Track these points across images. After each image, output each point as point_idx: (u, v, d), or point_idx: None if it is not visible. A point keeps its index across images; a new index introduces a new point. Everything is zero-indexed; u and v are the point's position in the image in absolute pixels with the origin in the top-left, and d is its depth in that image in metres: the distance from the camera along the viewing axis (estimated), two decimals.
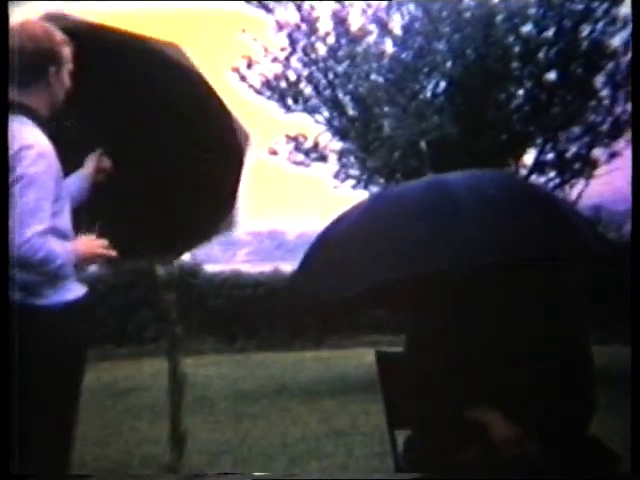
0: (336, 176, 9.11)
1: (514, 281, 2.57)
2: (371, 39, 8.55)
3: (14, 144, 2.36)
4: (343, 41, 8.58)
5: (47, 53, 2.48)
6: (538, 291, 2.63)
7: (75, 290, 2.51)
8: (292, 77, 8.92)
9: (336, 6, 8.58)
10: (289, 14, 8.75)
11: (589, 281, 8.27)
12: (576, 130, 8.69)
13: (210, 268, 13.57)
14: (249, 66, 8.90)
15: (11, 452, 2.33)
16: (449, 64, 8.13)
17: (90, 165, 2.84)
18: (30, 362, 2.37)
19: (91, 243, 2.52)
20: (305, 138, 9.10)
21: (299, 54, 8.82)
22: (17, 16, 2.52)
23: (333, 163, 9.10)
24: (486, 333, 2.55)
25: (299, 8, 8.67)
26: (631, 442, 2.21)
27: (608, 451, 2.48)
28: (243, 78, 8.91)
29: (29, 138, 2.39)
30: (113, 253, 2.56)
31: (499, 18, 7.91)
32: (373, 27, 8.56)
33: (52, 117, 2.55)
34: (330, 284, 2.54)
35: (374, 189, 8.71)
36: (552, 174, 8.91)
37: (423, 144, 7.30)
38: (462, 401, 2.50)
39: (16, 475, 2.37)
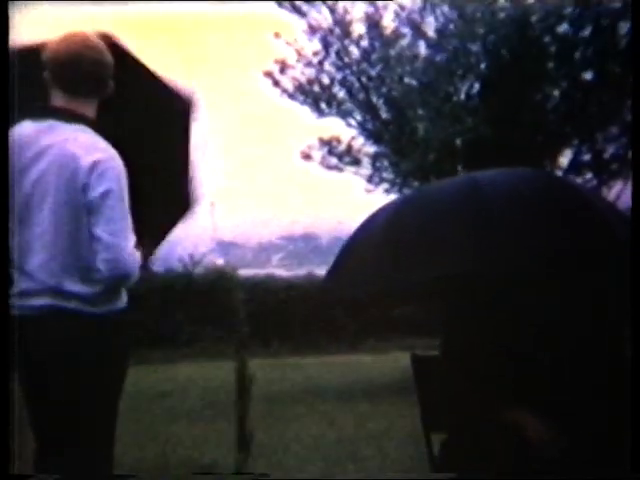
0: (370, 180, 9.10)
1: (546, 280, 2.54)
2: (405, 42, 8.53)
3: (89, 155, 2.36)
4: (376, 44, 8.58)
5: (110, 65, 2.54)
6: (571, 290, 2.59)
7: (125, 296, 2.54)
8: (325, 81, 8.94)
9: (369, 9, 8.58)
10: (322, 17, 8.78)
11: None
12: (613, 130, 8.56)
13: (244, 272, 13.62)
14: (282, 70, 8.94)
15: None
16: (483, 65, 8.07)
17: None
18: (86, 366, 2.40)
19: None
20: (338, 142, 9.11)
21: (332, 58, 8.84)
22: (18, 17, 2.54)
23: (367, 167, 9.09)
24: (519, 333, 2.52)
25: (332, 11, 8.69)
26: (631, 442, 2.17)
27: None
28: (276, 83, 8.96)
29: (104, 150, 2.42)
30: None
31: (534, 18, 7.84)
32: (407, 30, 8.54)
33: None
34: (360, 283, 2.53)
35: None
36: (589, 175, 8.79)
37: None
38: (497, 402, 2.47)
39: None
